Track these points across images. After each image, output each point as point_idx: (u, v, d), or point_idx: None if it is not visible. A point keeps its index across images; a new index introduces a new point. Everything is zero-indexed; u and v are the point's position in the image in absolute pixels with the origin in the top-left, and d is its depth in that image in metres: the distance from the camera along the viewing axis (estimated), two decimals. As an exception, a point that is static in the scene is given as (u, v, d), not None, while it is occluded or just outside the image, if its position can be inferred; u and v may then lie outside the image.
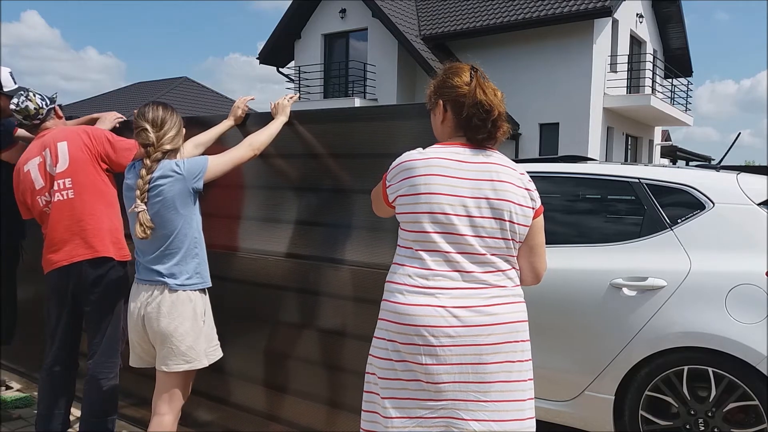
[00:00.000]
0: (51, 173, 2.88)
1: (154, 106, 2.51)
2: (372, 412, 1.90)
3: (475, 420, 1.78)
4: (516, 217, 1.83)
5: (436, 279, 1.80)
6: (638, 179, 3.28)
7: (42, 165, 2.90)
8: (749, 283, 2.82)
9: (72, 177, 2.86)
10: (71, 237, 2.83)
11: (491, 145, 1.90)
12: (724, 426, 2.83)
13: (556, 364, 3.20)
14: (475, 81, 1.87)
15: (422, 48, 16.81)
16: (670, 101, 18.74)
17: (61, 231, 2.84)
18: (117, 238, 2.89)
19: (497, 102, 1.86)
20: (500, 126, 1.88)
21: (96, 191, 2.88)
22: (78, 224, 2.83)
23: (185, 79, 27.19)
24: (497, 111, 1.86)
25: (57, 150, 2.88)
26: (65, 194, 2.85)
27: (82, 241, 2.82)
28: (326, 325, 2.75)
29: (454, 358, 1.77)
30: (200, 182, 2.45)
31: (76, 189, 2.85)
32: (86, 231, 2.83)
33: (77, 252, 2.81)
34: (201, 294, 2.52)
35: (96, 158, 2.90)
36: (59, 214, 2.85)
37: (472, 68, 1.90)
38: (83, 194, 2.85)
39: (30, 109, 2.94)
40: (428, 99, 2.01)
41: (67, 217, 2.84)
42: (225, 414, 3.14)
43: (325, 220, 2.75)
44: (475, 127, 1.86)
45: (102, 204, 2.88)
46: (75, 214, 2.84)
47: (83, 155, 2.88)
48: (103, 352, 2.87)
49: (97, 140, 2.92)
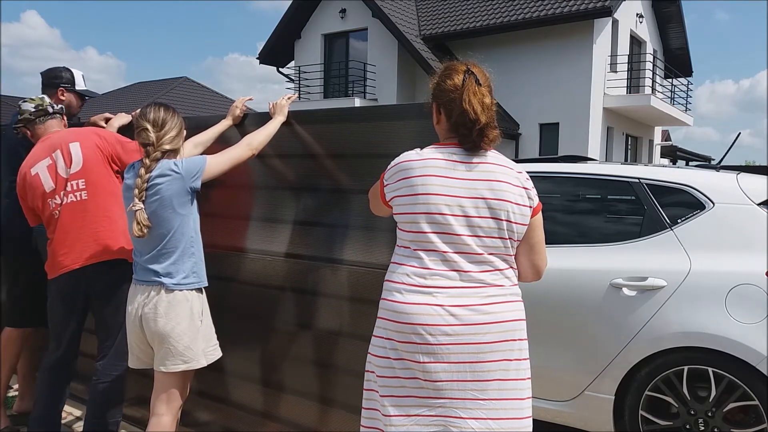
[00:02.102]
0: (63, 175, 2.83)
1: (155, 107, 2.52)
2: (372, 410, 1.92)
3: (473, 418, 1.79)
4: (514, 217, 1.83)
5: (433, 278, 1.80)
6: (638, 179, 3.28)
7: (52, 167, 2.85)
8: (749, 283, 2.82)
9: (86, 177, 2.83)
10: (85, 239, 2.78)
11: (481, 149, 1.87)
12: (724, 426, 2.83)
13: (556, 364, 3.20)
14: (465, 86, 1.84)
15: (422, 48, 16.81)
16: (670, 101, 18.74)
17: (73, 233, 2.79)
18: (130, 240, 2.85)
19: (482, 111, 1.82)
20: (486, 135, 1.84)
21: (109, 192, 2.85)
22: (92, 226, 2.79)
23: (185, 79, 27.19)
24: (482, 121, 1.82)
25: (69, 150, 2.85)
26: (79, 195, 2.81)
27: (96, 243, 2.78)
28: (324, 325, 2.74)
29: (452, 356, 1.77)
30: (198, 182, 2.45)
31: (89, 189, 2.82)
32: (100, 233, 2.79)
33: (91, 254, 2.77)
34: (198, 293, 2.52)
35: (108, 159, 2.88)
36: (71, 215, 2.80)
37: (466, 70, 1.87)
38: (97, 195, 2.82)
39: (45, 101, 3.05)
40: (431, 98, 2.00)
41: (80, 218, 2.80)
42: (224, 413, 3.14)
43: (323, 220, 2.75)
44: (461, 135, 1.86)
45: (116, 206, 2.84)
46: (88, 215, 2.80)
47: (96, 155, 2.86)
48: (113, 355, 2.87)
49: (108, 141, 2.91)
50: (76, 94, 3.54)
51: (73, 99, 3.52)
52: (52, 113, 3.05)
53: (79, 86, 3.55)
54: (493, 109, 1.87)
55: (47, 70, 3.52)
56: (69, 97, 3.49)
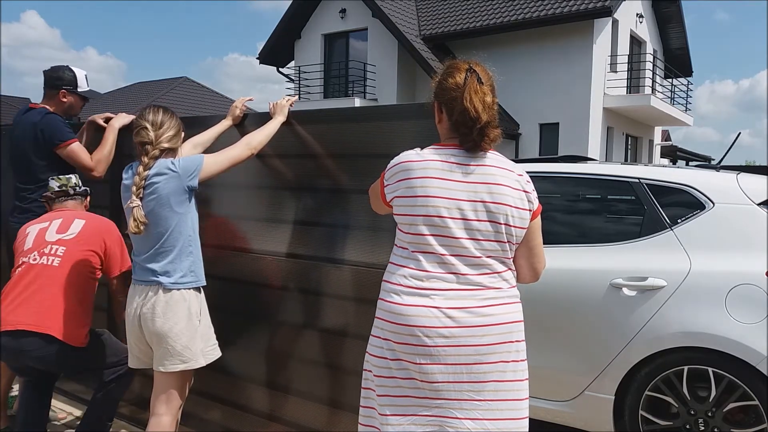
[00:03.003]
0: (48, 238, 2.80)
1: (154, 109, 2.55)
2: (368, 408, 1.93)
3: (469, 419, 1.79)
4: (513, 220, 1.83)
5: (431, 280, 1.80)
6: (638, 179, 3.28)
7: (43, 230, 2.85)
8: (749, 283, 2.81)
9: (68, 248, 2.78)
10: (29, 303, 2.65)
11: (481, 149, 1.86)
12: (724, 426, 2.83)
13: (556, 364, 3.20)
14: (466, 84, 1.83)
15: (422, 48, 16.80)
16: (670, 101, 18.74)
17: (24, 294, 2.67)
18: (80, 326, 2.71)
19: (483, 110, 1.81)
20: (487, 134, 1.83)
21: (79, 274, 2.76)
22: (43, 294, 2.66)
23: (185, 79, 27.19)
24: (483, 119, 1.81)
25: (71, 222, 2.86)
26: (50, 260, 2.74)
27: (37, 313, 2.64)
28: (326, 325, 2.74)
29: (449, 358, 1.77)
30: (195, 180, 2.46)
31: (63, 260, 2.75)
32: (44, 303, 2.66)
33: (28, 322, 2.62)
34: (196, 293, 2.52)
35: (100, 252, 2.84)
36: (32, 275, 2.70)
37: (468, 69, 1.86)
38: (66, 269, 2.73)
39: (72, 181, 3.07)
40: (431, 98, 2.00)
41: (37, 281, 2.68)
42: (225, 414, 3.14)
43: (325, 220, 2.75)
44: (462, 134, 1.85)
45: (79, 291, 2.74)
46: (47, 282, 2.68)
47: (93, 239, 2.83)
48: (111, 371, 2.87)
49: (112, 237, 2.90)
50: (78, 95, 3.52)
51: (74, 101, 3.50)
52: (73, 195, 3.07)
53: (82, 87, 3.53)
54: (495, 108, 1.85)
55: (50, 69, 3.49)
56: (71, 99, 3.47)
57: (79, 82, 3.52)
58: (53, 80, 3.44)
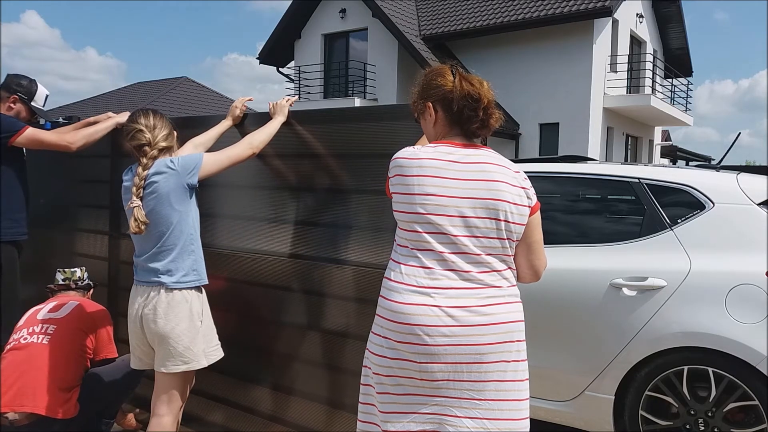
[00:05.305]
0: (39, 317, 2.83)
1: (143, 113, 2.58)
2: (368, 404, 1.93)
3: (468, 417, 1.79)
4: (511, 216, 1.83)
5: (431, 279, 1.80)
6: (638, 179, 3.28)
7: (36, 311, 2.89)
8: (749, 283, 2.81)
9: (58, 326, 2.80)
10: (10, 382, 2.63)
11: (486, 133, 1.93)
12: (724, 426, 2.83)
13: (556, 364, 3.20)
14: (458, 76, 1.90)
15: (422, 48, 16.79)
16: (670, 101, 18.74)
17: (7, 371, 2.66)
18: (69, 401, 2.71)
19: (484, 90, 1.89)
20: (492, 113, 1.90)
21: (68, 352, 2.77)
22: (26, 369, 2.65)
23: (185, 79, 27.17)
24: (486, 99, 1.88)
25: (64, 303, 2.90)
26: (40, 338, 2.75)
27: (19, 391, 2.62)
28: (328, 325, 2.74)
29: (450, 357, 1.77)
30: (195, 177, 2.47)
31: (53, 337, 2.76)
32: (27, 380, 2.64)
33: (9, 400, 2.60)
34: (197, 293, 2.52)
35: (92, 335, 2.88)
36: (21, 354, 2.70)
37: (451, 66, 1.94)
38: (54, 347, 2.73)
39: (76, 275, 3.13)
40: (414, 106, 2.01)
41: (24, 360, 2.68)
42: (226, 414, 3.14)
43: (325, 220, 2.75)
44: (467, 118, 1.88)
45: (65, 366, 2.74)
46: (33, 359, 2.68)
47: (84, 321, 2.86)
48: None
49: (103, 322, 2.96)
50: (29, 109, 3.43)
51: (23, 110, 3.40)
52: (75, 288, 3.12)
53: (36, 104, 3.44)
54: (492, 91, 1.92)
55: (14, 74, 3.43)
56: (19, 107, 3.38)
57: (37, 97, 3.44)
58: (12, 84, 3.37)
